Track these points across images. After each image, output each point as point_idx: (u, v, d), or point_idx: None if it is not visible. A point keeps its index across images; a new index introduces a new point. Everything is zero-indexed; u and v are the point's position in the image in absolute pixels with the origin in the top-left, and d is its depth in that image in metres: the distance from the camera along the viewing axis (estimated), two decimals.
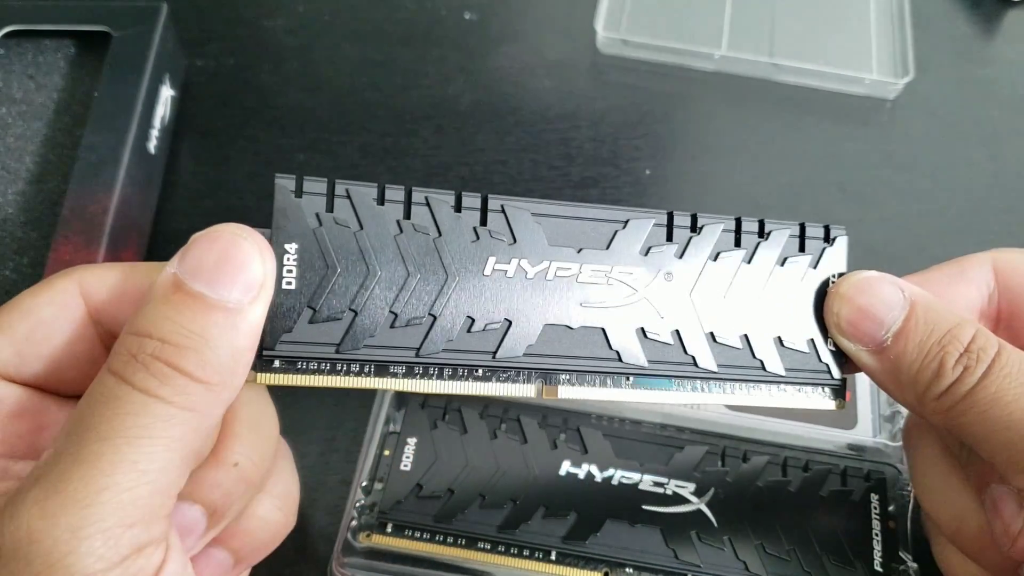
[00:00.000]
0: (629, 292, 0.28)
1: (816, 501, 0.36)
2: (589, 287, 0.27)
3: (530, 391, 0.27)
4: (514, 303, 0.27)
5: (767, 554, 0.35)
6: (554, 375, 0.27)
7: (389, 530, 0.35)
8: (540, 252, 0.27)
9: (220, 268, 0.23)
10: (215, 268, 0.23)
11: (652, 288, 0.28)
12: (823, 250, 0.29)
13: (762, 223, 0.29)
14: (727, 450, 0.37)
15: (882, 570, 0.34)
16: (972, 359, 0.26)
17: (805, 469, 0.37)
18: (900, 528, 0.36)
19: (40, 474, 0.22)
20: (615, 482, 0.36)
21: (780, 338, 0.28)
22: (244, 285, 0.24)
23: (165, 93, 0.48)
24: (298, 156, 0.50)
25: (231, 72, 0.53)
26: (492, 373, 0.27)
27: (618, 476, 0.36)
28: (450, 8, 0.56)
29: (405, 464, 0.37)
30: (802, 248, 0.29)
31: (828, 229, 0.29)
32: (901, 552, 0.35)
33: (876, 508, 0.36)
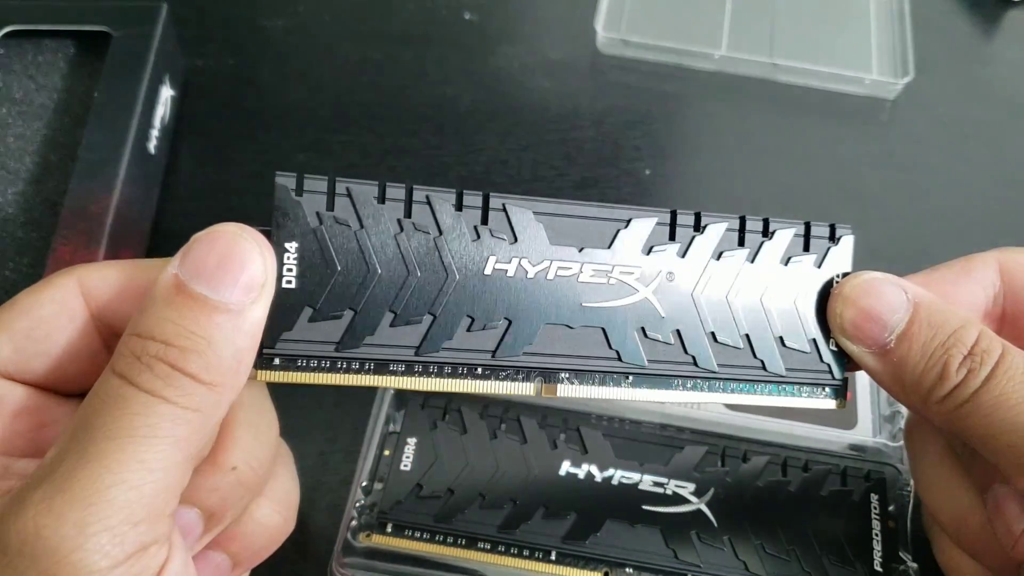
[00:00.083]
0: (630, 292, 0.28)
1: (816, 501, 0.36)
2: (590, 286, 0.27)
3: (529, 389, 0.27)
4: (514, 302, 0.27)
5: (767, 554, 0.35)
6: (553, 374, 0.27)
7: (389, 530, 0.35)
8: (541, 251, 0.27)
9: (221, 269, 0.23)
10: (216, 269, 0.23)
11: (653, 288, 0.28)
12: (828, 249, 0.29)
13: (767, 222, 0.28)
14: (727, 450, 0.37)
15: (882, 570, 0.34)
16: (976, 362, 0.26)
17: (805, 469, 0.37)
18: (900, 528, 0.36)
19: (45, 473, 0.22)
20: (615, 482, 0.36)
21: (782, 338, 0.28)
22: (245, 286, 0.24)
23: (165, 93, 0.48)
24: (298, 156, 0.50)
25: (231, 72, 0.53)
26: (491, 371, 0.27)
27: (618, 476, 0.36)
28: (450, 8, 0.56)
29: (405, 464, 0.37)
30: (807, 248, 0.29)
31: (834, 228, 0.29)
32: (901, 552, 0.35)
33: (876, 508, 0.36)
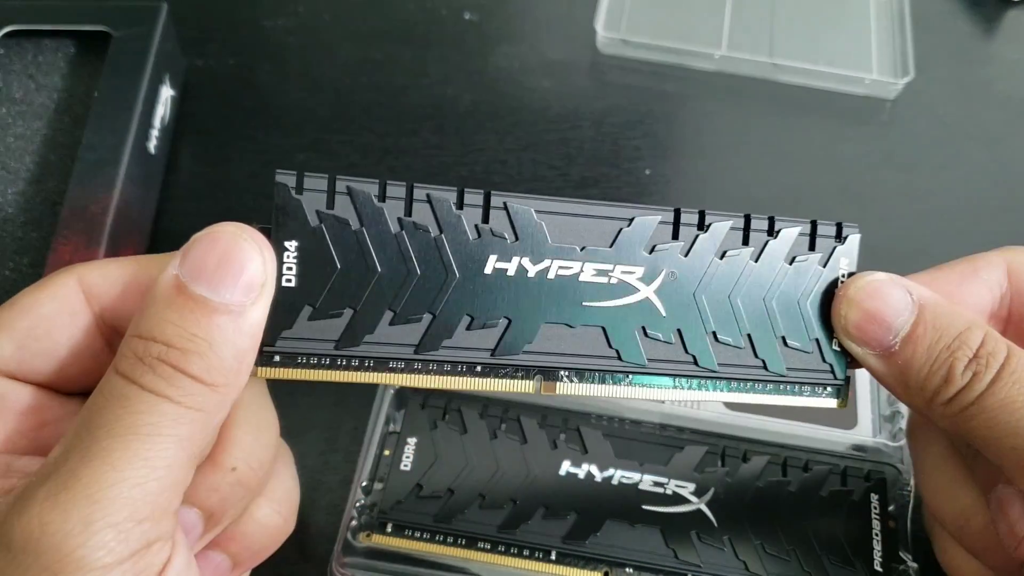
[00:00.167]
0: (631, 291, 0.27)
1: (816, 501, 0.36)
2: (591, 286, 0.27)
3: (529, 387, 0.27)
4: (514, 302, 0.27)
5: (767, 554, 0.35)
6: (553, 372, 0.27)
7: (389, 530, 0.35)
8: (542, 250, 0.27)
9: (221, 270, 0.23)
10: (216, 270, 0.23)
11: (655, 287, 0.28)
12: (833, 248, 0.28)
13: (772, 220, 0.28)
14: (727, 450, 0.37)
15: (882, 570, 0.34)
16: (981, 365, 0.26)
17: (805, 469, 0.37)
18: (900, 528, 0.36)
19: (50, 471, 0.22)
20: (615, 482, 0.36)
21: (784, 338, 0.28)
22: (246, 286, 0.24)
23: (165, 93, 0.48)
24: (298, 156, 0.50)
25: (231, 72, 0.53)
26: (491, 369, 0.27)
27: (618, 476, 0.36)
28: (450, 8, 0.56)
29: (405, 464, 0.36)
30: (812, 247, 0.28)
31: (840, 226, 0.28)
32: (901, 552, 0.35)
33: (876, 508, 0.36)
